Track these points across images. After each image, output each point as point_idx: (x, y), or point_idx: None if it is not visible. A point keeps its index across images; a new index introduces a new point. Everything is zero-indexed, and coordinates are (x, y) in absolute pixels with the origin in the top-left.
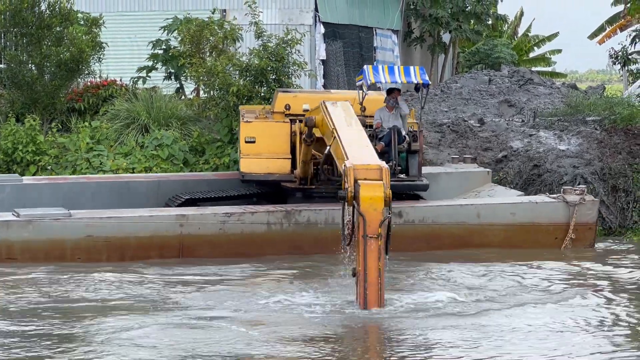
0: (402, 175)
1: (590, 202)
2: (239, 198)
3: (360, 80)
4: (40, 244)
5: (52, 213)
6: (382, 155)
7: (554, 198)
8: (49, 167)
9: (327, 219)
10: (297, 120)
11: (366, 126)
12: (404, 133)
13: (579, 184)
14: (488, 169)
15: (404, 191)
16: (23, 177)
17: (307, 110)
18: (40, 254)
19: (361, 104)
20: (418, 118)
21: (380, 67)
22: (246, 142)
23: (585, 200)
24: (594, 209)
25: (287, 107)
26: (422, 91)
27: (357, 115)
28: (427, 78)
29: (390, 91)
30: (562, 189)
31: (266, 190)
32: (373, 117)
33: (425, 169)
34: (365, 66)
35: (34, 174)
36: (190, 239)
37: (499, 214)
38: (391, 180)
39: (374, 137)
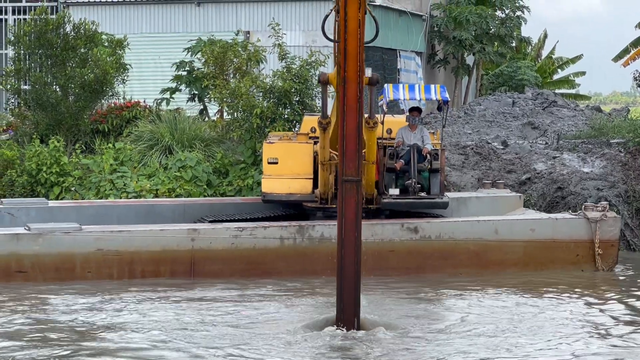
0: (422, 194)
1: (612, 218)
2: (262, 220)
3: (381, 100)
4: (51, 257)
5: (63, 227)
6: (402, 173)
7: (575, 215)
8: (72, 189)
9: None
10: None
11: (386, 147)
12: (430, 148)
13: None
14: (520, 194)
15: (424, 209)
16: (49, 201)
17: None
18: (50, 268)
19: (382, 122)
20: (440, 137)
21: (400, 85)
22: (269, 162)
23: (607, 217)
24: (616, 226)
25: (313, 129)
26: (443, 110)
27: (381, 139)
28: (446, 95)
29: (411, 110)
30: (583, 206)
31: (290, 212)
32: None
33: (456, 194)
34: (385, 85)
35: (57, 195)
36: (202, 253)
37: (518, 230)
38: (410, 198)
39: (394, 155)
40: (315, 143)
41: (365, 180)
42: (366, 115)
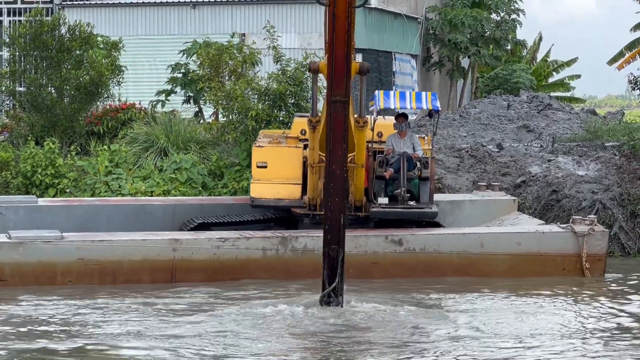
0: (411, 203)
1: (599, 232)
2: (253, 223)
3: (372, 105)
4: (31, 266)
5: (44, 235)
6: (391, 181)
7: (562, 228)
8: (67, 190)
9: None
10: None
11: (376, 152)
12: (420, 154)
13: (597, 210)
14: (514, 197)
15: (412, 218)
16: (38, 199)
17: None
18: (30, 277)
19: (372, 129)
20: (430, 144)
21: (391, 92)
22: (258, 167)
23: (595, 231)
24: (603, 240)
25: (303, 132)
26: (433, 117)
27: (371, 142)
28: (437, 104)
29: (397, 117)
30: (571, 219)
31: (280, 215)
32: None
33: (449, 196)
34: (376, 91)
35: (52, 197)
36: (184, 263)
37: (504, 243)
38: (399, 207)
39: (384, 163)
40: (305, 147)
41: (354, 185)
42: (356, 115)
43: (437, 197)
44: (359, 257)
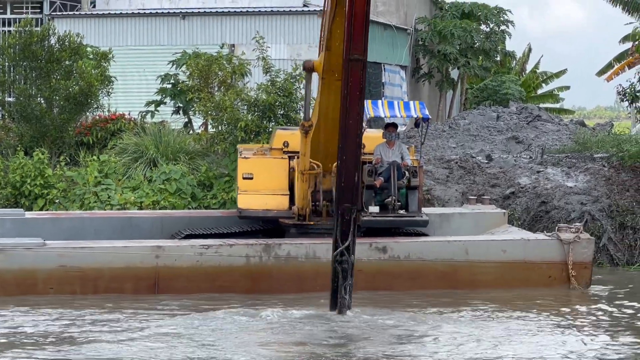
0: (401, 211)
1: (585, 240)
2: (240, 235)
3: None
4: (12, 273)
5: (25, 242)
6: (381, 190)
7: (548, 236)
8: (57, 201)
9: (307, 253)
10: (296, 157)
11: (364, 163)
12: (409, 163)
13: (586, 221)
14: (504, 210)
15: (404, 227)
16: (26, 212)
17: None
18: (12, 284)
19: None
20: (418, 154)
21: (379, 102)
22: (244, 178)
23: (581, 239)
24: (589, 247)
25: (286, 144)
26: (421, 126)
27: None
28: (427, 113)
29: (387, 126)
30: (557, 227)
31: (268, 227)
32: (372, 154)
33: (439, 210)
34: (365, 101)
35: (42, 207)
36: (166, 271)
37: (489, 251)
38: (391, 216)
39: (373, 172)
40: (290, 159)
41: None
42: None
43: (426, 210)
44: None
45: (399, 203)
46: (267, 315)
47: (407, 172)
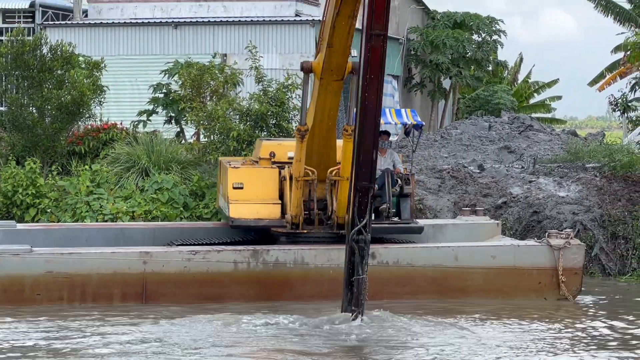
0: (395, 219)
1: (575, 246)
2: (232, 245)
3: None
4: None
5: (13, 248)
6: (373, 198)
7: (538, 242)
8: (48, 210)
9: (295, 259)
10: (286, 166)
11: None
12: (401, 170)
13: (578, 231)
14: (497, 221)
15: (399, 234)
16: (18, 224)
17: (292, 158)
18: None
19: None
20: (410, 163)
21: None
22: (234, 187)
23: (571, 244)
24: (580, 253)
25: (272, 154)
26: (413, 134)
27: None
28: (419, 119)
29: (379, 134)
30: (547, 233)
31: (259, 237)
32: None
33: (432, 221)
34: (355, 109)
35: (33, 217)
36: (154, 277)
37: (479, 256)
38: (386, 223)
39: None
40: (281, 168)
41: (339, 201)
42: (345, 124)
43: (419, 221)
44: (331, 270)
45: (394, 210)
46: (250, 321)
47: (399, 180)
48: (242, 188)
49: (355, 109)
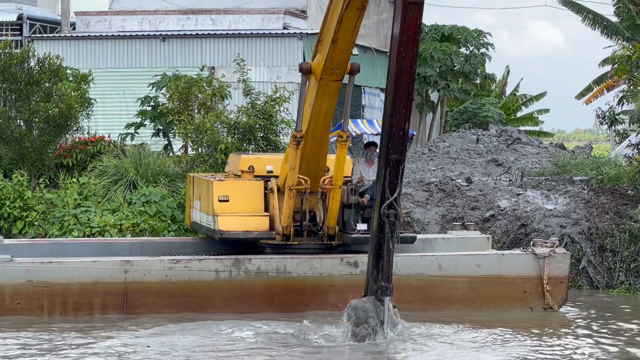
0: None
1: (561, 254)
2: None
3: (334, 136)
4: None
5: None
6: (362, 209)
7: (523, 251)
8: (36, 223)
9: (278, 267)
10: (272, 178)
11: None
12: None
13: (566, 244)
14: (488, 235)
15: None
16: (4, 239)
17: (271, 172)
18: None
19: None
20: None
21: (359, 120)
22: (220, 200)
23: (556, 253)
24: (565, 262)
25: (251, 168)
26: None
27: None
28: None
29: (368, 145)
30: (532, 242)
31: (246, 248)
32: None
33: (422, 235)
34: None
35: (21, 230)
36: (135, 286)
37: (463, 265)
38: None
39: (354, 192)
40: (266, 181)
41: (329, 210)
42: (339, 130)
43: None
44: (314, 279)
45: None
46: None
47: None
48: (227, 201)
49: (386, 85)
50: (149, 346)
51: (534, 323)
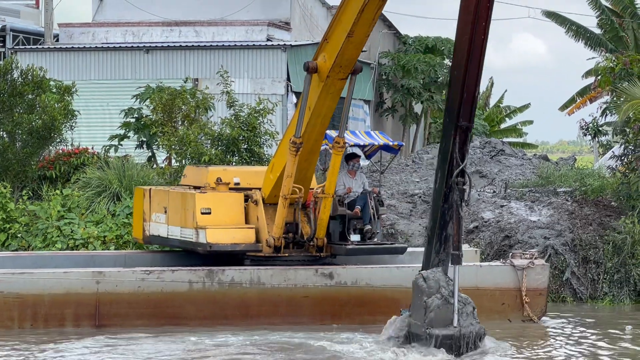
0: (376, 239)
1: (540, 266)
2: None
3: (325, 144)
4: None
5: None
6: (347, 220)
7: (501, 262)
8: (19, 235)
9: (252, 278)
10: (255, 190)
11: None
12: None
13: (549, 255)
14: (476, 249)
15: (385, 254)
16: None
17: (238, 184)
18: None
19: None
20: (379, 186)
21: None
22: (202, 213)
23: (535, 265)
24: (544, 274)
25: (219, 180)
26: (381, 155)
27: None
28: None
29: (351, 156)
30: (510, 253)
31: (229, 260)
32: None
33: (409, 249)
34: (327, 131)
35: (3, 242)
36: (107, 297)
37: None
38: (372, 244)
39: (341, 203)
40: (245, 191)
41: (320, 222)
42: (335, 134)
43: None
44: (288, 290)
45: (378, 232)
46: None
47: (372, 202)
48: (210, 213)
49: (453, 53)
50: None
51: (511, 334)
